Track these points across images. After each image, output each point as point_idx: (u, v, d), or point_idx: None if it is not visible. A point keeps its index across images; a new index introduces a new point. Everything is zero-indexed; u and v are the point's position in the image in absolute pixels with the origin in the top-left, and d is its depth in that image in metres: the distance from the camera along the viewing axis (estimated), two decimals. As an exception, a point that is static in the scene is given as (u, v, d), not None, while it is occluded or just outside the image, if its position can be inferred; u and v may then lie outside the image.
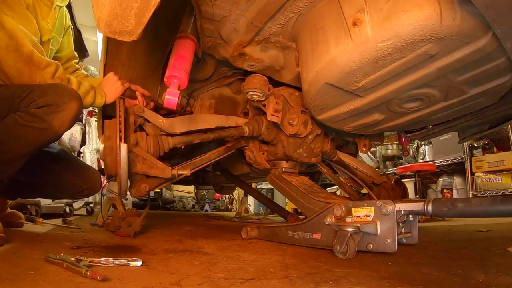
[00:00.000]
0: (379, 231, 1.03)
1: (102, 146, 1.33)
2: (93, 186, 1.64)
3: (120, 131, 1.25)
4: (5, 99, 1.17)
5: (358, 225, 1.04)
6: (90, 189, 1.62)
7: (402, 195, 1.93)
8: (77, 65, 1.70)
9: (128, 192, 1.37)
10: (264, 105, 1.51)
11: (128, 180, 1.33)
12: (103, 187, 2.07)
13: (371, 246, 1.05)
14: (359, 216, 1.10)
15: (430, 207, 1.00)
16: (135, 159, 1.31)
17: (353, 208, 1.13)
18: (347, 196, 2.03)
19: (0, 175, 1.21)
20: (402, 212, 1.06)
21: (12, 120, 1.13)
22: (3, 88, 1.23)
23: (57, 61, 1.31)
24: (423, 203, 1.02)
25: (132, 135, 1.32)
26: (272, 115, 1.47)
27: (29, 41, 1.20)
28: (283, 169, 1.68)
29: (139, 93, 1.49)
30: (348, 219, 1.09)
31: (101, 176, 1.74)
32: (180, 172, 1.38)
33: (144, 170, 1.33)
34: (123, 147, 1.22)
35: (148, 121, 1.41)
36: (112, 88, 1.41)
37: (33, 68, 1.20)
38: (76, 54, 1.72)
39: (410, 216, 1.15)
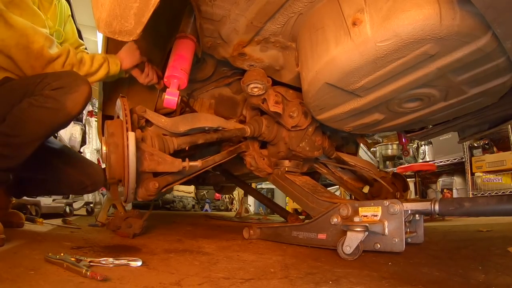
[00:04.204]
0: (386, 231, 1.03)
1: (104, 147, 1.24)
2: (96, 182, 1.64)
3: (126, 123, 1.18)
4: (21, 86, 1.22)
5: (367, 225, 1.04)
6: (94, 185, 1.62)
7: (403, 188, 1.93)
8: (85, 51, 1.67)
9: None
10: (263, 101, 1.51)
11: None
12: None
13: (379, 246, 1.05)
14: (366, 216, 1.10)
15: (437, 207, 1.00)
16: (141, 156, 1.23)
17: (359, 208, 1.13)
18: (350, 194, 2.04)
19: (10, 162, 1.19)
20: (409, 212, 1.06)
21: (27, 103, 1.17)
22: (20, 78, 1.28)
23: (68, 47, 1.32)
24: (430, 202, 1.02)
25: (137, 131, 1.27)
26: (273, 105, 1.47)
27: (40, 37, 1.23)
28: (286, 169, 1.68)
29: (152, 69, 1.50)
30: (356, 219, 1.09)
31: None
32: (192, 163, 1.31)
33: (152, 166, 1.25)
34: (131, 136, 1.13)
35: (149, 125, 1.38)
36: (129, 53, 1.43)
37: (43, 62, 1.24)
38: (82, 41, 1.72)
39: (417, 215, 1.15)
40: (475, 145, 3.88)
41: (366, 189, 2.08)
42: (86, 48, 1.72)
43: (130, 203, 1.32)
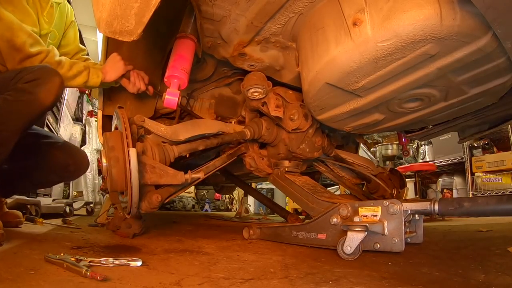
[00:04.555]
0: (386, 231, 1.03)
1: (104, 160, 1.21)
2: (79, 161, 1.64)
3: (126, 137, 1.16)
4: None
5: (367, 224, 1.04)
6: (76, 164, 1.62)
7: (400, 183, 1.93)
8: (85, 57, 1.72)
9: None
10: (263, 104, 1.50)
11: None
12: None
13: (378, 246, 1.05)
14: (366, 216, 1.10)
15: (436, 207, 1.00)
16: (143, 169, 1.21)
17: (359, 208, 1.13)
18: (349, 192, 2.04)
19: None
20: (409, 212, 1.06)
21: (1, 99, 1.20)
22: None
23: (50, 48, 1.38)
24: (429, 202, 1.02)
25: (137, 144, 1.25)
26: (274, 110, 1.47)
27: (24, 33, 1.30)
28: (286, 169, 1.68)
29: (138, 77, 1.51)
30: (355, 219, 1.09)
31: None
32: (194, 175, 1.31)
33: (154, 179, 1.23)
34: (133, 152, 1.11)
35: (148, 134, 1.36)
36: (114, 66, 1.46)
37: (23, 56, 1.31)
38: (83, 47, 1.76)
39: (416, 215, 1.15)
40: (475, 145, 3.88)
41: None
42: (88, 54, 1.75)
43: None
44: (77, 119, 4.42)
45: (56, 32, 1.57)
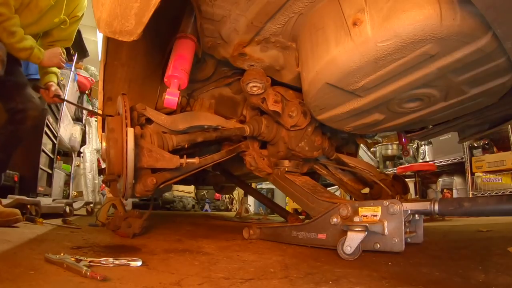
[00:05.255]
0: (386, 231, 1.03)
1: (104, 143, 1.26)
2: (28, 102, 1.78)
3: (126, 118, 1.19)
4: None
5: (367, 225, 1.03)
6: (23, 103, 1.76)
7: (403, 190, 1.92)
8: (62, 48, 1.96)
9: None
10: (263, 101, 1.51)
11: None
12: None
13: (378, 246, 1.05)
14: (366, 216, 1.10)
15: (436, 207, 1.00)
16: (140, 152, 1.24)
17: (359, 208, 1.13)
18: (350, 195, 2.04)
19: None
20: (409, 212, 1.06)
21: None
22: None
23: (14, 16, 1.57)
24: (429, 202, 1.02)
25: (136, 127, 1.29)
26: (273, 105, 1.48)
27: None
28: (286, 169, 1.68)
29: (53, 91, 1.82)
30: (355, 219, 1.09)
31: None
32: (189, 161, 1.33)
33: (150, 163, 1.26)
34: (130, 131, 1.14)
35: (150, 123, 1.39)
36: (50, 55, 1.79)
37: None
38: (70, 41, 2.03)
39: (416, 215, 1.15)
40: (475, 145, 3.88)
41: (365, 191, 2.07)
42: (67, 47, 2.03)
43: (128, 198, 1.32)
44: (77, 119, 4.43)
45: (57, 11, 1.76)
